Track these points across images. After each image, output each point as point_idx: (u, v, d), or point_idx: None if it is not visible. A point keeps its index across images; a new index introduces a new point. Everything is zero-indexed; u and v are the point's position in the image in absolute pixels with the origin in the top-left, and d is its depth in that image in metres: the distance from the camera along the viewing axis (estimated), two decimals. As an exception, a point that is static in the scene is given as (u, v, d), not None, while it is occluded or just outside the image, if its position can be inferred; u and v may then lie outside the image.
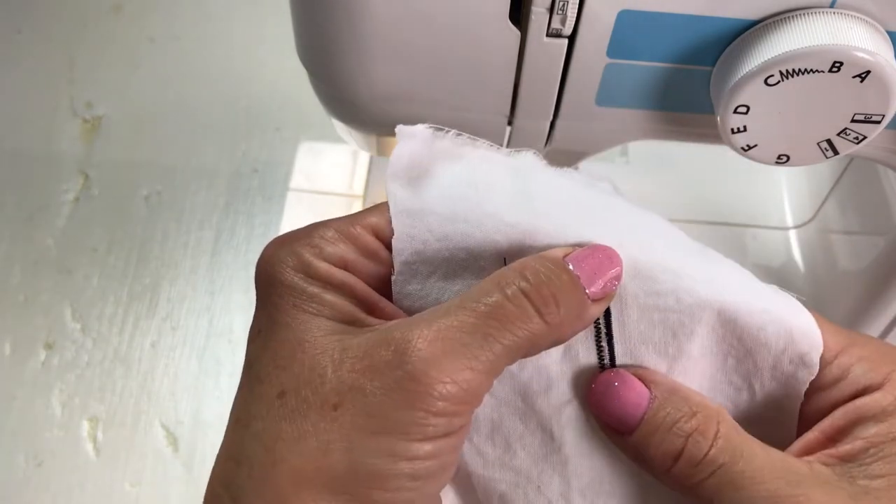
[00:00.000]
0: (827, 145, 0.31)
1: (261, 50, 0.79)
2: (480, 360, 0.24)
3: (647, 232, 0.28)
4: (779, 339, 0.27)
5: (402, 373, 0.23)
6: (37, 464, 0.58)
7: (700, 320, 0.27)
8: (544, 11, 0.30)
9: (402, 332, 0.24)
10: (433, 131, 0.28)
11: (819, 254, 0.53)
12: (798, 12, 0.29)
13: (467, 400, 0.24)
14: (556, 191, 0.28)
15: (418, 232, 0.27)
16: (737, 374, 0.28)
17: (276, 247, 0.27)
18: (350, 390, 0.24)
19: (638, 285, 0.27)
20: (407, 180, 0.28)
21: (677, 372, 0.27)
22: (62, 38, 0.80)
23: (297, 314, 0.26)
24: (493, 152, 0.29)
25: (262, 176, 0.72)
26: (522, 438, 0.27)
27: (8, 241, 0.68)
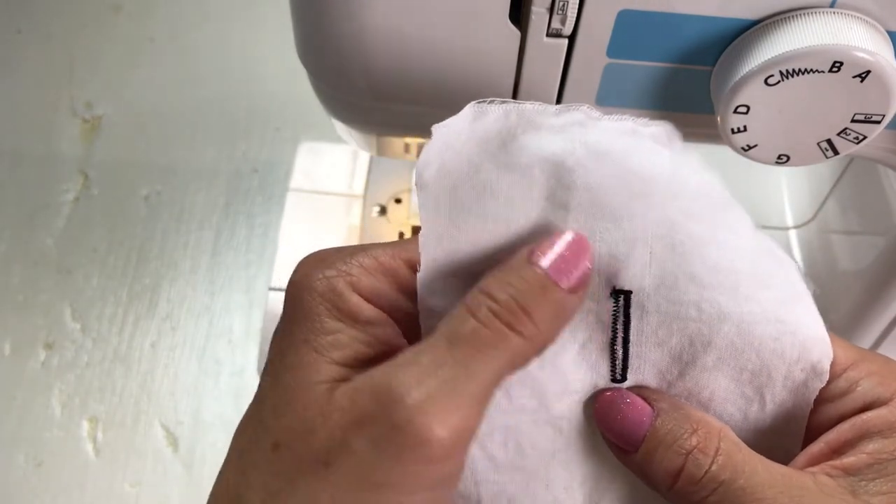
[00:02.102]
0: (827, 145, 0.31)
1: (261, 50, 0.79)
2: (465, 396, 0.23)
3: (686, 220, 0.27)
4: (793, 350, 0.27)
5: (388, 425, 0.22)
6: (37, 464, 0.58)
7: (719, 332, 0.27)
8: (544, 11, 0.30)
9: (383, 377, 0.23)
10: (475, 111, 0.27)
11: (819, 254, 0.53)
12: (798, 12, 0.29)
13: (458, 440, 0.23)
14: (600, 173, 0.26)
15: (447, 228, 0.27)
16: (750, 385, 0.28)
17: (312, 266, 0.26)
18: (339, 446, 0.23)
19: (662, 295, 0.27)
20: (438, 170, 0.27)
21: (688, 379, 0.27)
22: (62, 38, 0.80)
23: (304, 352, 0.25)
24: (542, 116, 0.27)
25: (262, 176, 0.72)
26: (533, 440, 0.27)
27: (8, 241, 0.68)
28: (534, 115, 0.27)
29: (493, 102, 0.27)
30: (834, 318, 0.50)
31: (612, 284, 0.27)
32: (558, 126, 0.27)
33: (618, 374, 0.27)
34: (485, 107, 0.27)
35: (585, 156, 0.26)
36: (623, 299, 0.27)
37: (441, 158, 0.27)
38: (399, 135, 0.43)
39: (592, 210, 0.26)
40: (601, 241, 0.27)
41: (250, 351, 0.63)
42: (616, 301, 0.27)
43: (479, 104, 0.27)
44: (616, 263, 0.27)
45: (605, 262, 0.27)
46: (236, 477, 0.25)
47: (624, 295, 0.27)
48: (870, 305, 0.47)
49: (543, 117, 0.27)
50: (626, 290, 0.27)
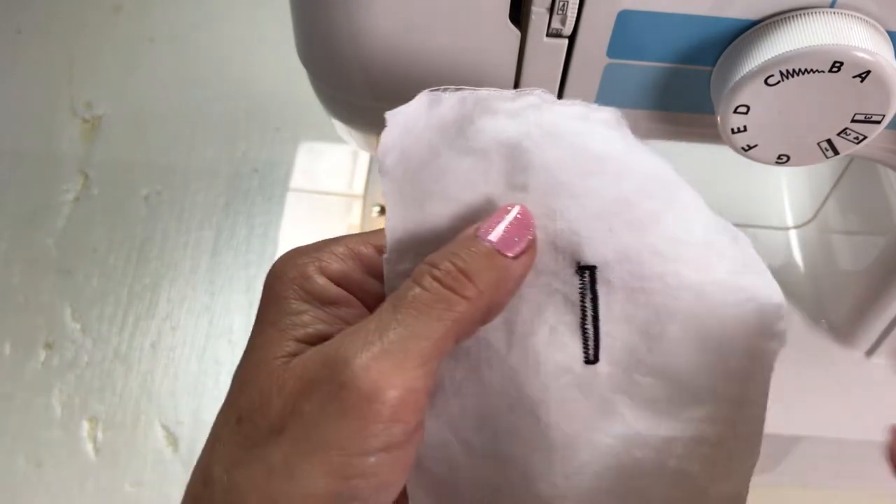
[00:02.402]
0: (827, 145, 0.31)
1: (261, 50, 0.79)
2: (410, 357, 0.23)
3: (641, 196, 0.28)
4: (752, 315, 0.28)
5: (333, 385, 0.23)
6: (37, 464, 0.58)
7: (683, 302, 0.27)
8: (544, 11, 0.30)
9: (333, 345, 0.24)
10: (429, 98, 0.28)
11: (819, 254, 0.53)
12: (798, 12, 0.29)
13: (404, 399, 0.23)
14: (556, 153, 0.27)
15: (410, 211, 0.27)
16: (715, 354, 0.28)
17: (288, 257, 0.28)
18: (292, 413, 0.24)
19: (626, 269, 0.27)
20: (399, 156, 0.28)
21: (657, 353, 0.28)
22: (62, 38, 0.80)
23: (270, 332, 0.26)
24: (498, 101, 0.28)
25: (262, 176, 0.72)
26: (510, 427, 0.27)
27: (8, 241, 0.68)
28: (490, 101, 0.28)
29: (448, 90, 0.28)
30: (834, 318, 0.50)
31: (577, 261, 0.27)
32: (514, 110, 0.28)
33: (590, 355, 0.28)
34: (439, 94, 0.28)
35: (540, 136, 0.27)
36: (589, 275, 0.27)
37: (401, 144, 0.28)
38: (399, 135, 0.43)
39: (550, 189, 0.27)
40: (561, 219, 0.27)
41: (250, 351, 0.63)
42: (582, 277, 0.27)
43: (433, 91, 0.28)
44: (578, 240, 0.27)
45: (567, 240, 0.27)
46: (206, 453, 0.26)
47: (589, 270, 0.27)
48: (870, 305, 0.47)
49: (499, 102, 0.28)
50: (591, 265, 0.27)
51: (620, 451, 0.28)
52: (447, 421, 0.27)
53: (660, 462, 0.28)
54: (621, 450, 0.28)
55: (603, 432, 0.28)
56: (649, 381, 0.28)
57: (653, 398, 0.28)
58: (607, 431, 0.28)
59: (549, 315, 0.27)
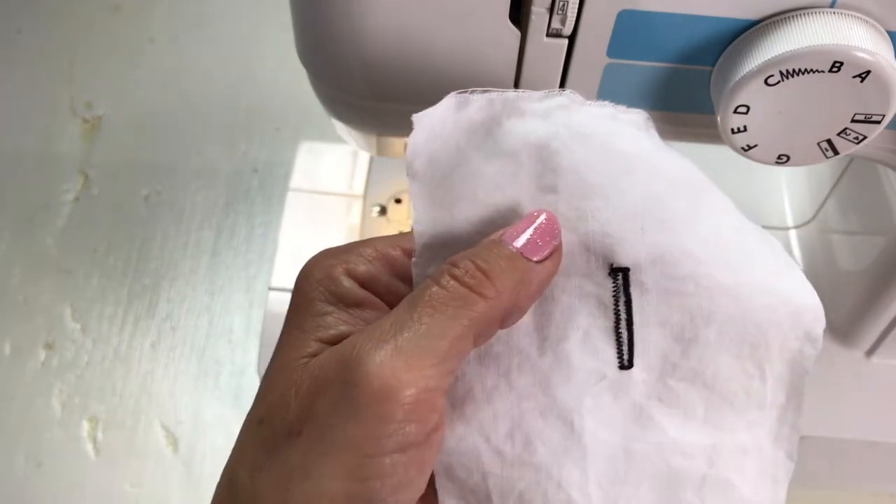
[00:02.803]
0: (827, 145, 0.31)
1: (261, 50, 0.79)
2: (424, 355, 0.23)
3: (671, 197, 0.27)
4: (787, 318, 0.27)
5: (345, 385, 0.23)
6: (37, 464, 0.58)
7: (718, 304, 0.27)
8: (544, 11, 0.30)
9: (347, 344, 0.24)
10: (457, 101, 0.28)
11: (819, 254, 0.53)
12: (798, 12, 0.29)
13: (419, 398, 0.23)
14: (585, 154, 0.27)
15: (439, 215, 0.27)
16: (751, 360, 0.28)
17: (316, 259, 0.28)
18: (309, 415, 0.24)
19: (659, 270, 0.27)
20: (428, 160, 0.27)
21: (692, 357, 0.27)
22: (62, 38, 0.80)
23: (294, 334, 0.26)
24: (526, 102, 0.27)
25: (262, 176, 0.72)
26: (542, 434, 0.27)
27: (8, 241, 0.68)
28: (518, 102, 0.27)
29: (475, 92, 0.28)
30: (834, 318, 0.50)
31: (609, 263, 0.27)
32: (542, 111, 0.27)
33: (625, 361, 0.27)
34: (467, 96, 0.28)
35: (569, 138, 0.27)
36: (622, 277, 0.27)
37: (429, 148, 0.27)
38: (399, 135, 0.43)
39: (580, 190, 0.27)
40: (593, 220, 0.27)
41: (250, 351, 0.63)
42: (615, 280, 0.27)
43: (461, 94, 0.28)
44: (610, 241, 0.27)
45: (600, 242, 0.27)
46: (233, 457, 0.26)
47: (622, 272, 0.27)
48: (870, 305, 0.47)
49: (527, 103, 0.27)
50: (624, 266, 0.27)
51: (657, 459, 0.27)
52: (478, 428, 0.27)
53: (698, 471, 0.28)
54: (657, 458, 0.27)
55: (638, 440, 0.27)
56: (684, 386, 0.28)
57: (689, 405, 0.28)
58: (643, 439, 0.27)
59: (583, 319, 0.27)
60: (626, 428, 0.27)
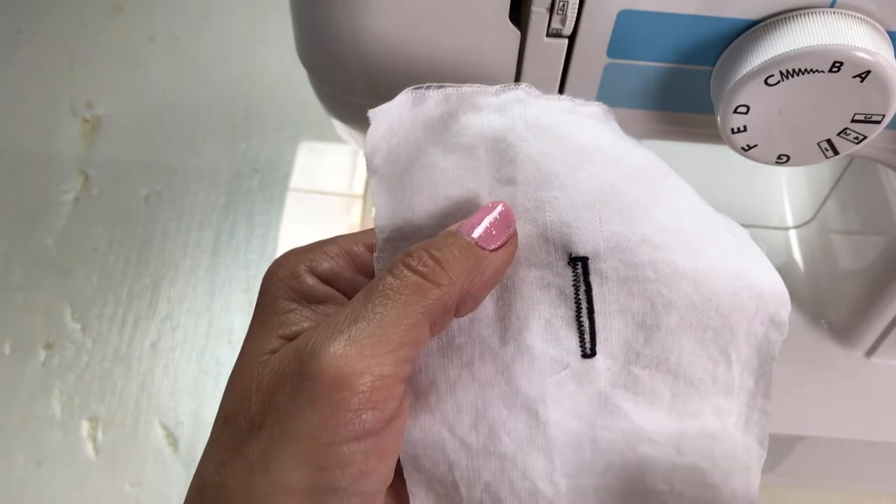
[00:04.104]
0: (827, 145, 0.31)
1: (261, 50, 0.79)
2: (379, 343, 0.23)
3: (629, 185, 0.27)
4: (751, 302, 0.28)
5: (302, 376, 0.23)
6: (37, 464, 0.58)
7: (678, 290, 0.27)
8: (544, 11, 0.30)
9: (304, 337, 0.24)
10: (413, 97, 0.28)
11: (819, 254, 0.53)
12: (798, 12, 0.29)
13: (375, 386, 0.23)
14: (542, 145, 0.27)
15: (399, 209, 0.27)
16: (715, 345, 0.28)
17: (281, 258, 0.28)
18: (269, 408, 0.24)
19: (618, 258, 0.27)
20: (387, 155, 0.28)
21: (655, 345, 0.27)
22: (62, 38, 0.80)
23: (257, 332, 0.26)
24: (482, 96, 0.28)
25: (262, 176, 0.72)
26: (507, 423, 0.27)
27: (8, 241, 0.68)
28: (474, 97, 0.28)
29: (430, 87, 0.28)
30: (834, 318, 0.50)
31: (568, 252, 0.27)
32: (498, 105, 0.28)
33: (587, 349, 0.27)
34: (423, 92, 0.28)
35: (526, 130, 0.27)
36: (581, 266, 0.27)
37: (388, 143, 0.28)
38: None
39: (538, 181, 0.27)
40: (551, 210, 0.27)
41: (250, 351, 0.63)
42: (574, 269, 0.27)
43: (416, 90, 0.28)
44: (568, 231, 0.27)
45: (558, 231, 0.27)
46: (203, 455, 0.26)
47: (581, 261, 0.27)
48: (870, 305, 0.47)
49: (483, 97, 0.28)
50: (583, 256, 0.27)
51: (624, 447, 0.28)
52: (442, 419, 0.27)
53: (667, 458, 0.28)
54: (625, 447, 0.28)
55: (605, 429, 0.28)
56: (649, 373, 0.28)
57: (654, 391, 0.28)
58: (609, 427, 0.28)
59: (544, 309, 0.27)
60: (592, 416, 0.28)
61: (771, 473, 0.52)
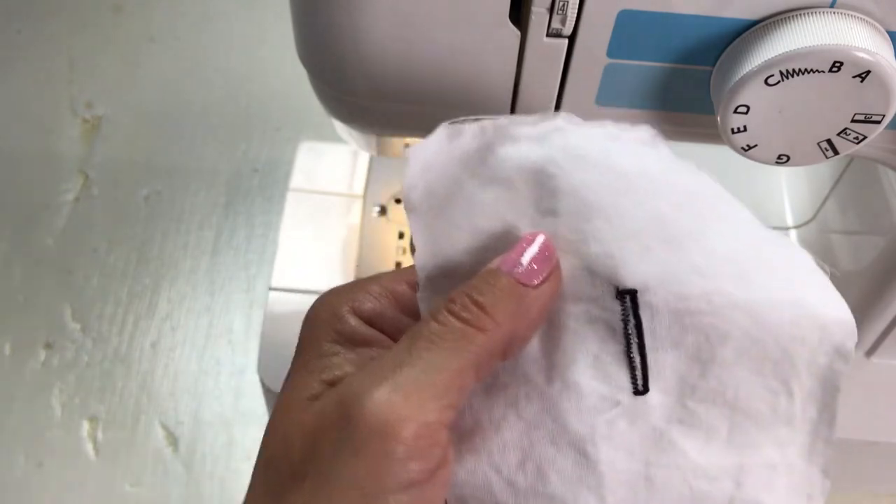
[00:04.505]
0: (827, 145, 0.31)
1: (261, 50, 0.79)
2: (425, 391, 0.23)
3: (678, 213, 0.26)
4: (813, 333, 0.26)
5: (346, 425, 0.23)
6: (37, 464, 0.58)
7: (733, 321, 0.26)
8: (544, 11, 0.30)
9: (348, 382, 0.24)
10: (449, 131, 0.27)
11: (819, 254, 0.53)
12: (798, 12, 0.29)
13: (421, 435, 0.23)
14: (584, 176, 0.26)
15: (439, 246, 0.27)
16: (774, 378, 0.27)
17: (323, 298, 0.28)
18: (312, 457, 0.23)
19: (668, 290, 0.26)
20: (424, 191, 0.27)
21: (711, 378, 0.26)
22: (62, 38, 0.80)
23: (300, 375, 0.26)
24: (519, 127, 0.27)
25: (262, 176, 0.72)
26: (555, 462, 0.26)
27: (8, 241, 0.68)
28: (510, 127, 0.27)
29: (466, 121, 0.27)
30: (834, 318, 0.50)
31: (615, 285, 0.26)
32: (536, 135, 0.27)
33: (639, 385, 0.26)
34: (458, 126, 0.27)
35: (565, 160, 0.26)
36: (630, 300, 0.26)
37: (425, 179, 0.27)
38: (399, 135, 0.43)
39: (580, 212, 0.26)
40: (595, 242, 0.26)
41: (250, 351, 0.63)
42: (623, 302, 0.26)
43: (452, 124, 0.27)
44: (613, 262, 0.26)
45: (603, 263, 0.26)
46: (245, 500, 0.25)
47: (630, 294, 0.26)
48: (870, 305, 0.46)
49: (520, 128, 0.27)
50: (631, 288, 0.26)
51: (679, 484, 0.27)
52: (488, 459, 0.26)
53: (724, 493, 0.27)
54: (680, 483, 0.26)
55: (660, 466, 0.26)
56: (705, 407, 0.27)
57: (711, 425, 0.27)
58: (664, 465, 0.26)
59: (592, 344, 0.26)
60: (646, 454, 0.26)
61: (771, 473, 0.51)
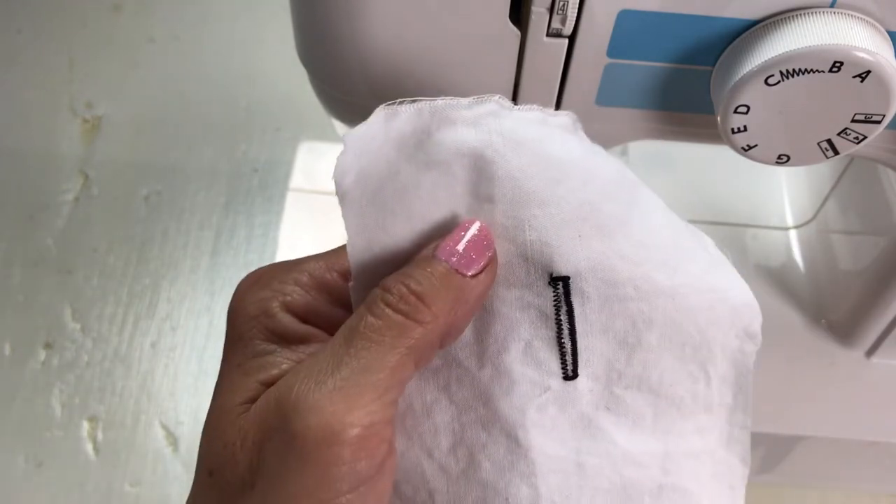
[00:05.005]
0: (827, 145, 0.31)
1: (261, 50, 0.79)
2: (365, 391, 0.22)
3: (605, 201, 0.27)
4: (725, 317, 0.27)
5: (288, 434, 0.22)
6: (37, 464, 0.58)
7: (658, 307, 0.27)
8: (544, 11, 0.30)
9: (285, 385, 0.23)
10: (385, 113, 0.27)
11: (819, 254, 0.53)
12: (798, 12, 0.29)
13: (365, 435, 0.22)
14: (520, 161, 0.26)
15: (373, 233, 0.26)
16: (694, 362, 0.27)
17: (247, 288, 0.27)
18: (259, 466, 0.23)
19: (598, 276, 0.26)
20: (357, 176, 0.26)
21: (636, 363, 0.27)
22: (62, 38, 0.80)
23: (235, 376, 0.25)
24: (455, 110, 0.26)
25: (262, 176, 0.72)
26: (486, 448, 0.26)
27: (8, 241, 0.68)
28: (447, 110, 0.27)
29: (403, 103, 0.27)
30: (834, 319, 0.50)
31: (549, 272, 0.26)
32: (472, 118, 0.27)
33: (569, 370, 0.27)
34: (395, 108, 0.27)
35: (503, 145, 0.26)
36: (562, 286, 0.26)
37: (358, 164, 0.26)
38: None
39: (517, 199, 0.26)
40: (531, 229, 0.26)
41: (250, 351, 0.63)
42: (556, 289, 0.26)
43: (389, 106, 0.27)
44: (549, 250, 0.26)
45: (538, 251, 0.26)
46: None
47: (563, 281, 0.26)
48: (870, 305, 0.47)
49: (456, 111, 0.27)
50: (564, 275, 0.26)
51: (609, 472, 0.27)
52: (419, 443, 0.26)
53: (653, 480, 0.27)
54: (610, 471, 0.27)
55: (590, 453, 0.27)
56: (631, 394, 0.27)
57: (637, 412, 0.27)
58: (594, 452, 0.27)
59: (524, 330, 0.27)
60: (577, 440, 0.27)
61: (771, 473, 0.52)
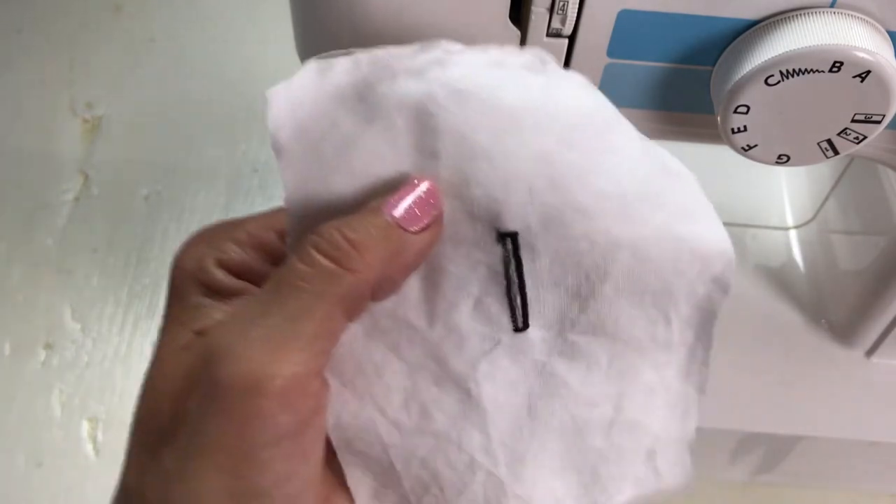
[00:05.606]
0: (827, 145, 0.31)
1: (261, 49, 0.79)
2: (292, 341, 0.22)
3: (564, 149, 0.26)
4: (693, 265, 0.27)
5: (211, 385, 0.22)
6: (37, 464, 0.58)
7: (614, 260, 0.26)
8: (544, 11, 0.30)
9: (211, 335, 0.23)
10: (318, 66, 0.26)
11: (819, 254, 0.53)
12: (798, 12, 0.29)
13: (291, 386, 0.22)
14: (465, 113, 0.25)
15: (312, 190, 0.25)
16: (654, 308, 0.27)
17: (188, 245, 0.27)
18: (181, 414, 0.23)
19: (550, 232, 0.26)
20: (294, 131, 0.25)
21: (591, 312, 0.27)
22: (62, 38, 0.80)
23: (171, 328, 0.25)
24: (396, 60, 0.25)
25: (262, 176, 0.72)
26: (438, 402, 0.26)
27: (8, 241, 0.68)
28: (389, 61, 0.26)
29: (337, 55, 0.26)
30: (834, 318, 0.50)
31: (496, 228, 0.26)
32: (415, 68, 0.26)
33: (518, 323, 0.26)
34: (329, 60, 0.26)
35: (447, 97, 0.25)
36: (511, 242, 0.26)
37: (295, 118, 0.25)
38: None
39: (462, 153, 0.25)
40: (477, 185, 0.25)
41: (250, 351, 0.63)
42: (504, 245, 0.26)
43: (322, 58, 0.26)
44: (496, 205, 0.25)
45: (485, 206, 0.25)
46: (125, 458, 0.25)
47: (511, 237, 0.26)
48: (870, 305, 0.47)
49: (399, 61, 0.26)
50: (512, 231, 0.26)
51: (561, 413, 0.27)
52: (371, 402, 0.26)
53: (605, 417, 0.27)
54: (562, 412, 0.27)
55: (542, 397, 0.27)
56: (586, 339, 0.27)
57: (591, 356, 0.27)
58: (546, 395, 0.27)
59: (473, 287, 0.26)
60: (529, 386, 0.27)
61: (771, 473, 0.52)
